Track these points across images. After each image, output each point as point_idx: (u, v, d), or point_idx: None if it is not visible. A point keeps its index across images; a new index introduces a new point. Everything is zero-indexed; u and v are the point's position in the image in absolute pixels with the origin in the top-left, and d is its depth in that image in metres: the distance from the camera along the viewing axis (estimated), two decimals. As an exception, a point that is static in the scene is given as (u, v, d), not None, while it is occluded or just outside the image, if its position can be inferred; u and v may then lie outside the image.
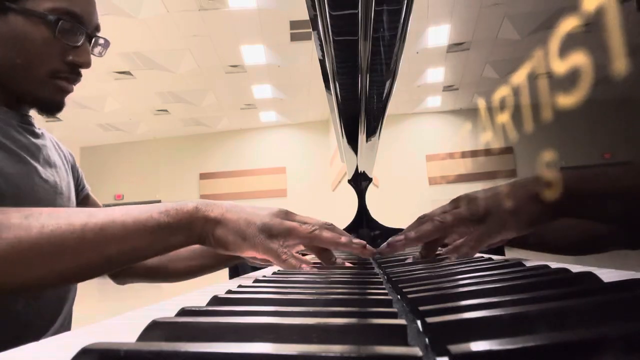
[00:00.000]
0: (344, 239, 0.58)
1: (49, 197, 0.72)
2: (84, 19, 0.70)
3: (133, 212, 0.51)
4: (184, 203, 0.54)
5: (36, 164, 0.71)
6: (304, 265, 0.56)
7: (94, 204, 0.89)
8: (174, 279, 0.88)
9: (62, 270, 0.48)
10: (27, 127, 0.73)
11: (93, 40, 0.73)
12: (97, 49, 0.75)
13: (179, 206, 0.53)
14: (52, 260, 0.47)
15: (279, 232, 0.55)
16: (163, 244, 0.53)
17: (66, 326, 0.76)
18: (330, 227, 0.59)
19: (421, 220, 0.63)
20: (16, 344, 0.27)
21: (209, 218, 0.54)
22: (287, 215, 0.59)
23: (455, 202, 0.62)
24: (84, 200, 0.87)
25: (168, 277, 0.88)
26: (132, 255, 0.52)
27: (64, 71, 0.70)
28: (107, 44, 0.76)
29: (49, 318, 0.72)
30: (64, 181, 0.78)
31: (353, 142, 1.25)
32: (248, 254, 0.56)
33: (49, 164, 0.75)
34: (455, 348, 0.17)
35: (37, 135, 0.75)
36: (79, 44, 0.69)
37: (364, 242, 0.59)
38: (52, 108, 0.72)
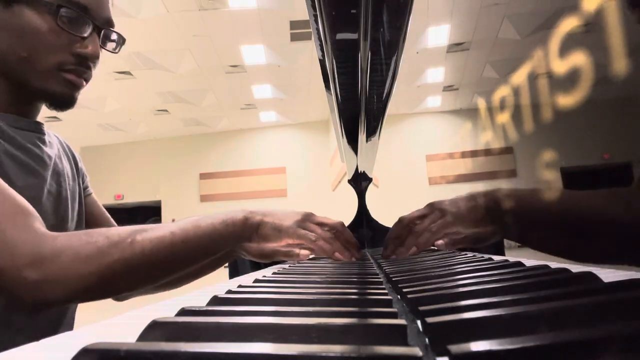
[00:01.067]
0: (337, 255, 0.74)
1: (52, 208, 0.71)
2: (91, 10, 0.68)
3: (200, 224, 0.61)
4: (234, 213, 0.67)
5: (46, 175, 0.70)
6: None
7: (95, 207, 0.88)
8: (176, 284, 0.88)
9: (152, 280, 0.59)
10: (40, 135, 0.72)
11: (103, 33, 0.71)
12: (110, 45, 0.73)
13: (230, 217, 0.65)
14: (148, 274, 0.57)
15: (305, 227, 0.72)
16: (223, 247, 0.65)
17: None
18: (338, 233, 0.74)
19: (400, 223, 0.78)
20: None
21: (254, 223, 0.68)
22: (309, 216, 0.74)
23: (430, 207, 0.75)
24: (86, 202, 0.86)
25: (171, 285, 0.87)
26: (199, 261, 0.63)
27: (71, 63, 0.68)
28: (121, 39, 0.74)
29: (52, 327, 0.72)
30: (69, 189, 0.77)
31: (353, 142, 1.25)
32: (283, 242, 0.70)
33: (57, 173, 0.74)
34: (455, 348, 0.17)
35: (47, 144, 0.74)
36: (86, 34, 0.68)
37: (357, 255, 0.75)
38: (62, 102, 0.70)
